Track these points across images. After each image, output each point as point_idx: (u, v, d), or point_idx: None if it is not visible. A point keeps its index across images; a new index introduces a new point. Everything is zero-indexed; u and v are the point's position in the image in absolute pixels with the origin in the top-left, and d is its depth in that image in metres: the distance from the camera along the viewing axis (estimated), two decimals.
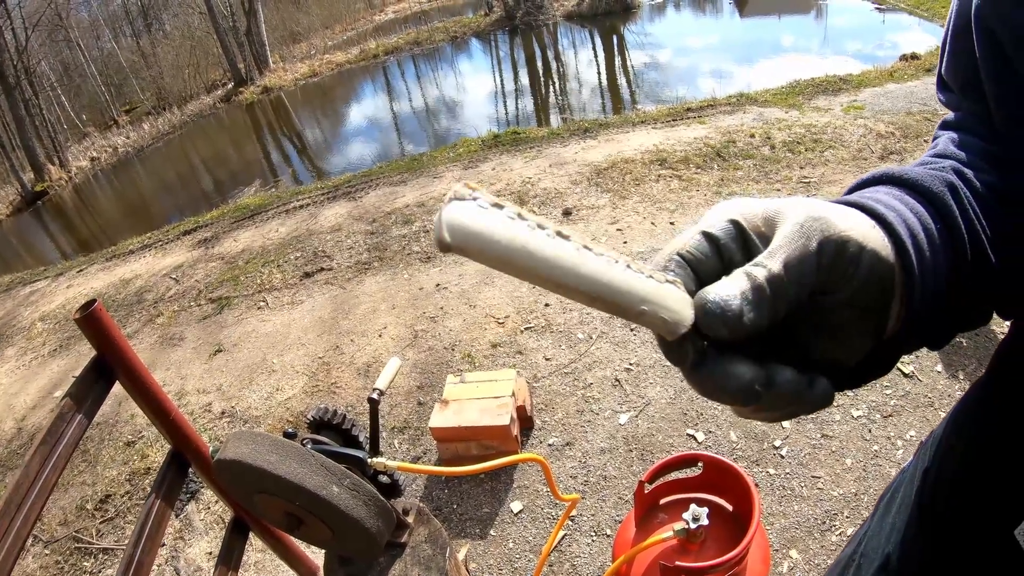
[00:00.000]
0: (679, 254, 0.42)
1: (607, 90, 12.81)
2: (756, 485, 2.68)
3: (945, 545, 0.67)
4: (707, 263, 0.43)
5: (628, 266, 0.37)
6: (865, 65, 8.59)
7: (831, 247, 0.41)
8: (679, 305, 0.39)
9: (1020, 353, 0.57)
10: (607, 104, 11.54)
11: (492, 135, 8.26)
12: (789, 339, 0.45)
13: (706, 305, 0.39)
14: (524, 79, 15.46)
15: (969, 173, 0.52)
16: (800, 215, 0.42)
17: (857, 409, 2.93)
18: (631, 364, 3.46)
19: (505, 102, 14.08)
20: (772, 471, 2.73)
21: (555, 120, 11.08)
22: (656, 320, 0.38)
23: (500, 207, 0.34)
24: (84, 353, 5.25)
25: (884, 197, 0.49)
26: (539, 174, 6.27)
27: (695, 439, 2.96)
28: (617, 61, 15.11)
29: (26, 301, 7.20)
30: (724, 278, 0.41)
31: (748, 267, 0.41)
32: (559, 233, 0.35)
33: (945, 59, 0.61)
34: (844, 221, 0.43)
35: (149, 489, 2.08)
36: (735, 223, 0.44)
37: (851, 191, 0.53)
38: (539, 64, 16.80)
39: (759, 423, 2.94)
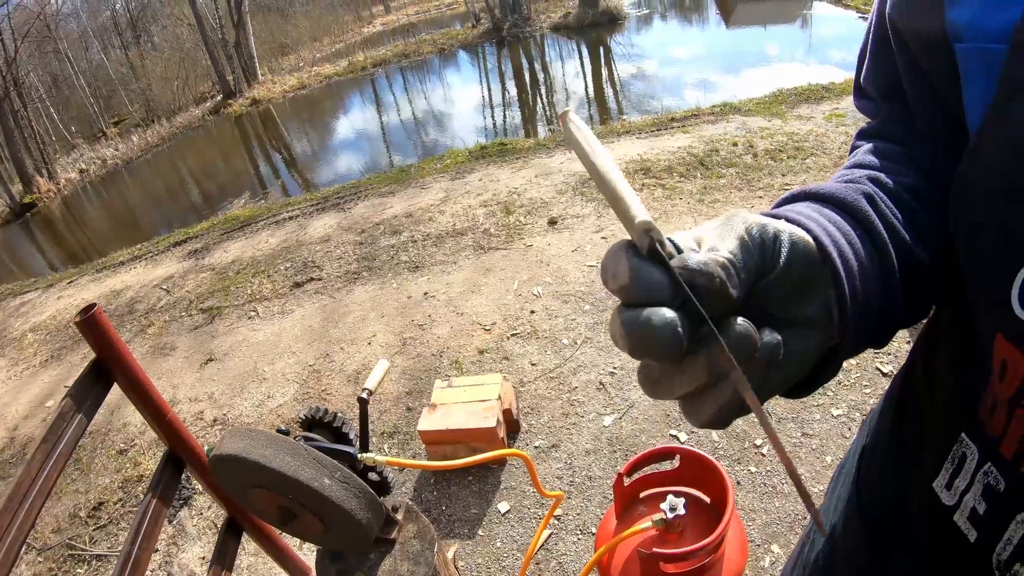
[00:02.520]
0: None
1: (593, 101, 12.90)
2: (731, 476, 2.76)
3: (875, 508, 0.73)
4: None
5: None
6: (848, 73, 8.66)
7: (756, 230, 0.44)
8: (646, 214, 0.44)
9: (940, 320, 0.63)
10: (594, 115, 11.62)
11: (479, 146, 8.34)
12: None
13: (687, 264, 0.41)
14: (511, 90, 15.56)
15: (885, 178, 0.56)
16: (721, 217, 0.46)
17: (837, 408, 3.01)
18: (615, 368, 3.54)
19: (492, 113, 14.17)
20: (753, 469, 2.80)
21: (541, 131, 11.16)
22: (628, 214, 0.43)
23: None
24: (75, 364, 5.29)
25: (805, 210, 0.52)
26: (525, 184, 6.35)
27: (677, 439, 3.03)
28: (603, 72, 15.21)
29: (16, 312, 7.21)
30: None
31: (704, 252, 0.43)
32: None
33: (865, 67, 0.66)
34: (772, 220, 0.46)
35: (142, 496, 2.13)
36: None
37: (774, 208, 0.56)
38: (526, 76, 16.90)
39: (740, 422, 3.01)
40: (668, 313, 0.39)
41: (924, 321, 0.64)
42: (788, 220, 0.50)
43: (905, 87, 0.61)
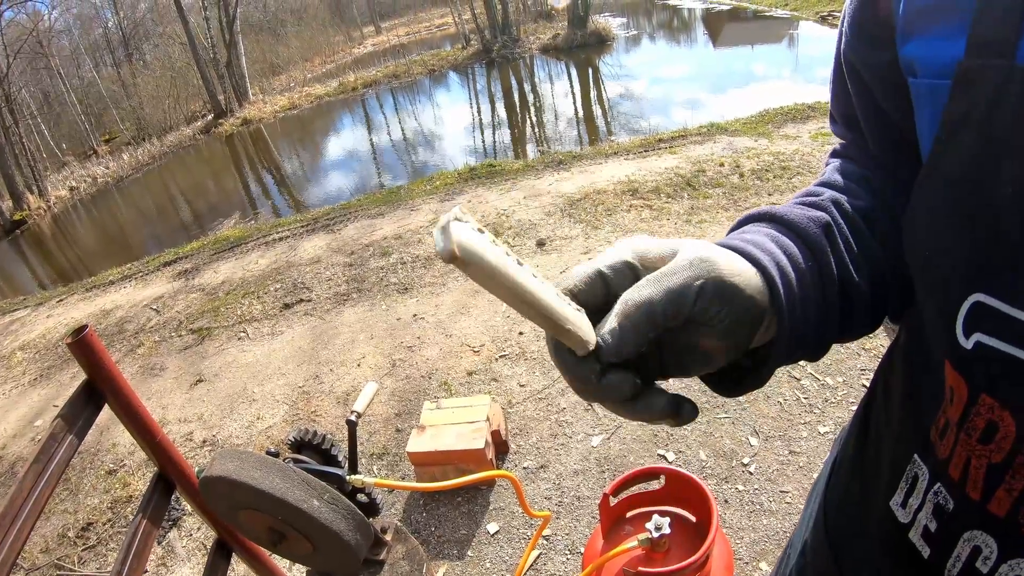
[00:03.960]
0: (569, 291, 0.50)
1: (582, 121, 13.00)
2: (717, 495, 2.78)
3: (839, 525, 0.75)
4: (594, 299, 0.51)
5: (557, 294, 0.47)
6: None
7: (710, 287, 0.48)
8: (588, 328, 0.48)
9: (899, 343, 0.66)
10: (582, 135, 11.71)
11: (468, 168, 8.39)
12: (671, 344, 0.54)
13: (600, 339, 0.48)
14: (501, 112, 15.67)
15: (844, 200, 0.60)
16: (692, 254, 0.49)
17: (824, 426, 3.03)
18: None
19: (482, 134, 14.25)
20: (741, 487, 2.82)
21: (531, 152, 11.23)
22: (575, 338, 0.48)
23: (482, 232, 0.42)
24: (64, 383, 5.27)
25: (762, 240, 0.55)
26: (513, 206, 6.40)
27: (665, 459, 3.05)
28: (592, 93, 15.34)
29: (6, 330, 7.18)
30: (610, 313, 0.49)
31: (627, 294, 0.49)
32: (518, 261, 0.44)
33: (831, 97, 0.70)
34: (729, 267, 0.49)
35: (131, 516, 2.13)
36: (629, 265, 0.51)
37: (736, 227, 0.61)
38: (515, 97, 17.02)
39: (728, 441, 3.04)
40: (626, 388, 0.50)
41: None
42: (744, 254, 0.53)
43: (860, 119, 0.64)
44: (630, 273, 0.51)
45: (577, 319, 0.47)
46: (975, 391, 0.46)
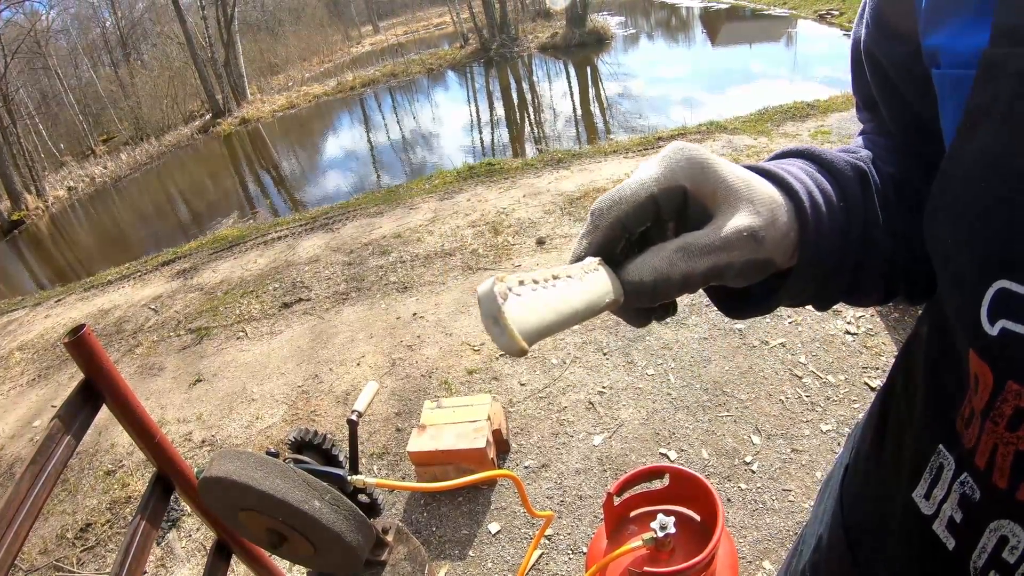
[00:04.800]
0: (620, 221, 0.51)
1: (581, 120, 12.98)
2: (721, 494, 2.77)
3: (857, 520, 0.74)
4: (643, 222, 0.51)
5: (581, 279, 0.46)
6: (833, 90, 8.73)
7: (751, 266, 0.51)
8: (610, 287, 0.48)
9: (920, 335, 0.65)
10: (581, 134, 11.69)
11: (467, 166, 8.37)
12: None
13: (628, 287, 0.49)
14: (499, 110, 15.65)
15: (878, 164, 0.61)
16: (743, 222, 0.50)
17: (826, 423, 3.02)
18: (604, 387, 3.55)
19: (480, 133, 14.24)
20: (744, 486, 2.81)
21: (530, 151, 11.20)
22: (608, 306, 0.48)
23: (522, 284, 0.42)
24: (63, 383, 5.26)
25: (797, 171, 0.57)
26: (513, 204, 6.38)
27: (667, 458, 3.03)
28: (591, 92, 15.34)
29: (3, 331, 7.17)
30: (646, 254, 0.50)
31: (664, 262, 0.49)
32: (552, 277, 0.44)
33: (852, 83, 0.70)
34: (775, 246, 0.52)
35: (130, 517, 2.12)
36: (683, 191, 0.51)
37: (776, 157, 0.62)
38: (514, 95, 17.00)
39: (730, 440, 3.03)
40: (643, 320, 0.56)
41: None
42: (779, 180, 0.55)
43: (882, 109, 0.64)
44: (680, 199, 0.51)
45: (603, 289, 0.48)
46: (1001, 378, 0.45)
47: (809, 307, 0.58)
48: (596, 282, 0.47)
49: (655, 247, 0.50)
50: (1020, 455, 0.45)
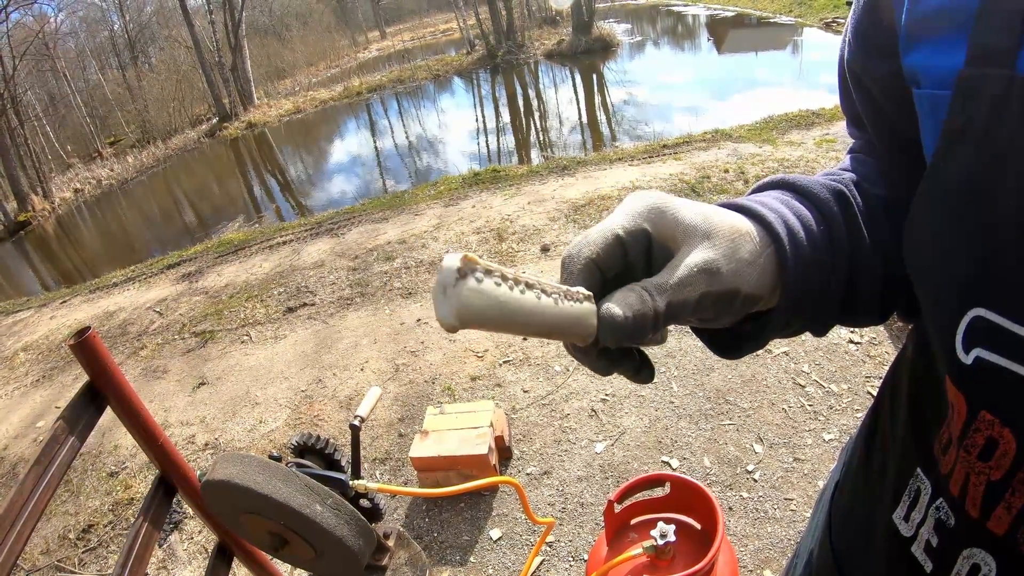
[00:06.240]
0: (592, 260, 0.49)
1: (586, 127, 12.98)
2: (722, 502, 2.76)
3: (844, 537, 0.74)
4: (614, 264, 0.50)
5: (560, 297, 0.45)
6: (838, 99, 8.74)
7: (711, 298, 0.50)
8: (588, 321, 0.47)
9: (906, 354, 0.65)
10: (586, 141, 11.69)
11: (472, 173, 8.40)
12: None
13: (602, 320, 0.47)
14: (505, 117, 15.64)
15: (865, 186, 0.60)
16: (696, 258, 0.49)
17: (828, 433, 3.02)
18: (607, 395, 3.55)
19: (486, 140, 14.25)
20: (746, 494, 2.81)
21: (535, 157, 11.21)
22: (574, 337, 0.47)
23: (489, 273, 0.41)
24: (67, 384, 5.27)
25: (772, 202, 0.56)
26: (518, 211, 6.39)
27: (669, 466, 3.03)
28: (596, 99, 15.36)
29: (8, 331, 7.19)
30: (619, 292, 0.48)
31: (631, 297, 0.48)
32: (524, 284, 0.43)
33: (840, 98, 0.70)
34: (736, 276, 0.50)
35: (133, 519, 2.12)
36: (645, 233, 0.51)
37: (755, 191, 0.61)
38: (520, 102, 17.02)
39: (732, 448, 3.02)
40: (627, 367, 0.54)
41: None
42: (753, 213, 0.54)
43: (867, 124, 0.64)
44: (645, 242, 0.51)
45: (576, 318, 0.46)
46: (975, 407, 0.45)
47: None
48: (572, 311, 0.46)
49: (623, 288, 0.49)
50: (992, 485, 0.45)
